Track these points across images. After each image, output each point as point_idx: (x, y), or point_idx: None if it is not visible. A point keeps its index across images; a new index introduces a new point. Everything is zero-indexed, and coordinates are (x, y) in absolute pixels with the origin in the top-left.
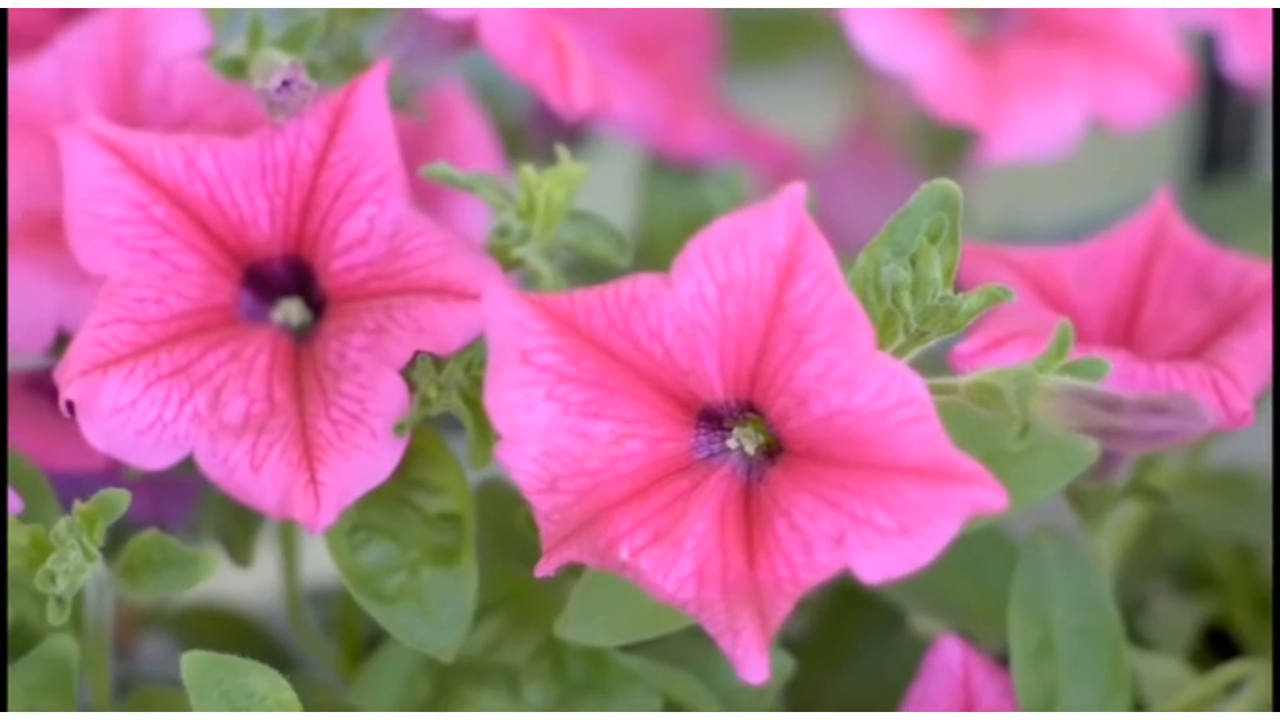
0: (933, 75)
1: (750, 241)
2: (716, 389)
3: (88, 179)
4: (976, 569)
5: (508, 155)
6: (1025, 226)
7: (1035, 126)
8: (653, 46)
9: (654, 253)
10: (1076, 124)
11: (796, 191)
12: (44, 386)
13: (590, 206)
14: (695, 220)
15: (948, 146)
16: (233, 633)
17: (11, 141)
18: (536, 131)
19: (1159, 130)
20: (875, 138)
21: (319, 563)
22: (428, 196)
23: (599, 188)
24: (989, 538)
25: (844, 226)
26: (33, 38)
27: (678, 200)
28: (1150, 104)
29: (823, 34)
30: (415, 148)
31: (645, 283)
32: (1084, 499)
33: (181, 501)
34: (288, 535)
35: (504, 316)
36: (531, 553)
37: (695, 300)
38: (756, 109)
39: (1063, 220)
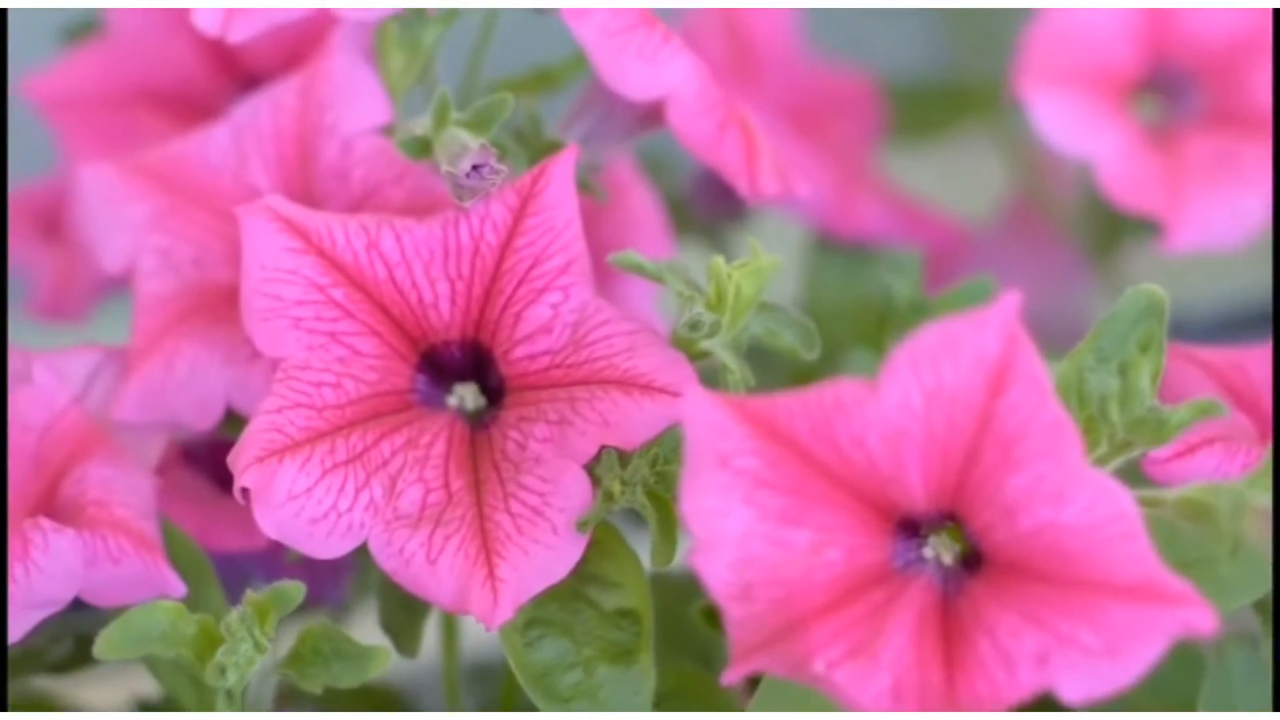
0: (1114, 163)
1: (961, 350)
2: (918, 498)
3: (267, 259)
4: (1154, 672)
5: (672, 228)
6: (1183, 313)
7: (1219, 218)
8: (816, 119)
9: (822, 333)
10: (1261, 215)
11: (1010, 301)
12: (198, 459)
13: None
14: (869, 303)
15: (1113, 228)
16: (384, 707)
17: (183, 213)
18: (700, 204)
19: None
20: (1035, 213)
21: (476, 637)
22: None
23: None
24: None
25: None
26: (202, 105)
27: (847, 281)
28: None
29: (983, 108)
30: (585, 222)
31: (849, 388)
32: (1268, 605)
33: (336, 580)
34: (449, 616)
35: (703, 419)
36: (703, 647)
37: (901, 408)
38: (913, 181)
39: (1217, 304)
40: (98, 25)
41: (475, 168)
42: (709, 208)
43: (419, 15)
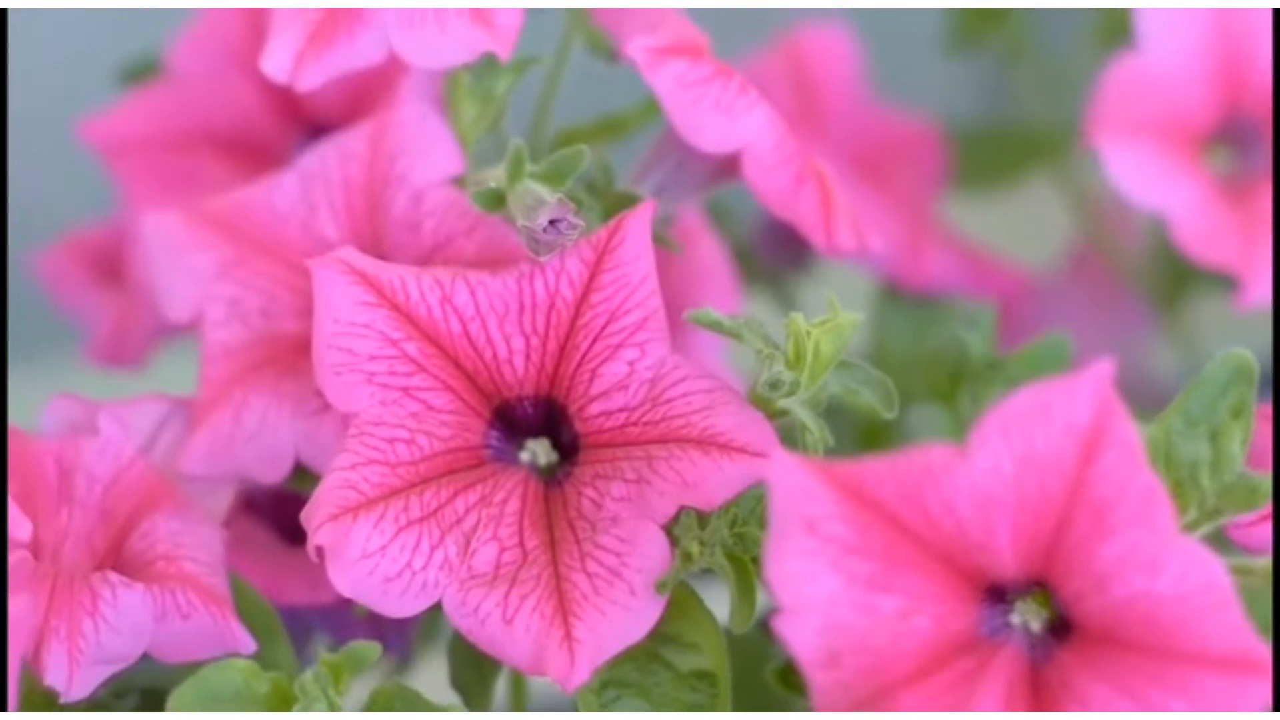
0: (1188, 217)
1: (1053, 416)
2: (1007, 564)
3: (340, 312)
4: None
5: (738, 277)
6: None
7: None
8: (880, 166)
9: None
10: None
11: (1103, 368)
12: (261, 508)
13: None
14: (938, 355)
15: (1181, 278)
16: None
17: (250, 262)
18: (765, 253)
19: None
20: (1099, 260)
21: (544, 693)
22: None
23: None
24: None
25: None
26: (264, 150)
27: (915, 332)
28: None
29: (1047, 154)
30: None
31: (938, 453)
32: None
33: (402, 632)
34: (518, 673)
35: (790, 484)
36: (778, 707)
37: (992, 473)
38: (973, 226)
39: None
40: (157, 67)
41: (552, 222)
42: (774, 257)
43: (492, 64)
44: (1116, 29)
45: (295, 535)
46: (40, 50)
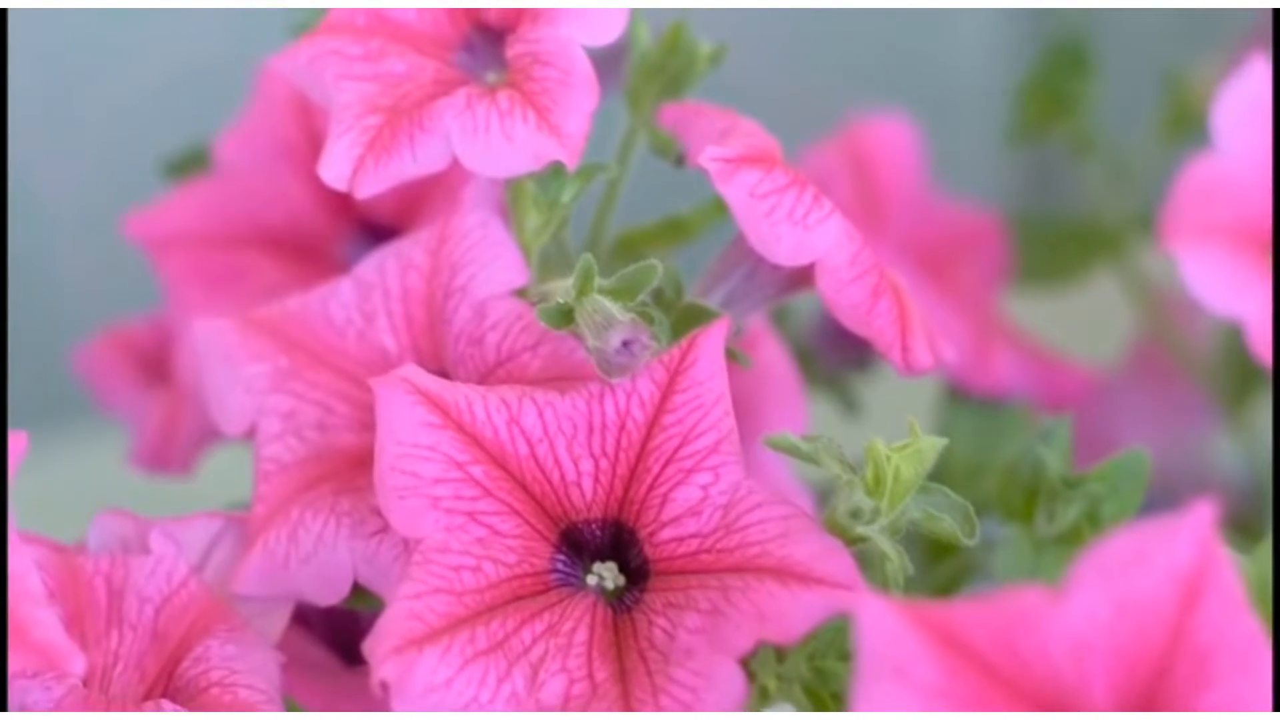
0: (1262, 323)
1: (1153, 560)
2: (1103, 710)
3: (404, 434)
4: None
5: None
6: None
7: None
8: (941, 259)
9: (958, 492)
10: None
11: (1204, 512)
12: (313, 625)
13: (878, 435)
14: (1014, 472)
15: (1246, 378)
16: None
17: (305, 374)
18: (825, 353)
19: None
20: (1161, 355)
21: None
22: None
23: (884, 412)
24: None
25: (1121, 446)
26: (314, 248)
27: (981, 436)
28: None
29: (1109, 248)
30: None
31: (1032, 597)
32: None
33: None
34: None
35: (879, 628)
36: None
37: (1088, 618)
38: (1031, 318)
39: None
40: (204, 160)
41: (625, 344)
42: (835, 357)
43: (558, 172)
44: (1181, 120)
45: (350, 652)
46: (86, 137)
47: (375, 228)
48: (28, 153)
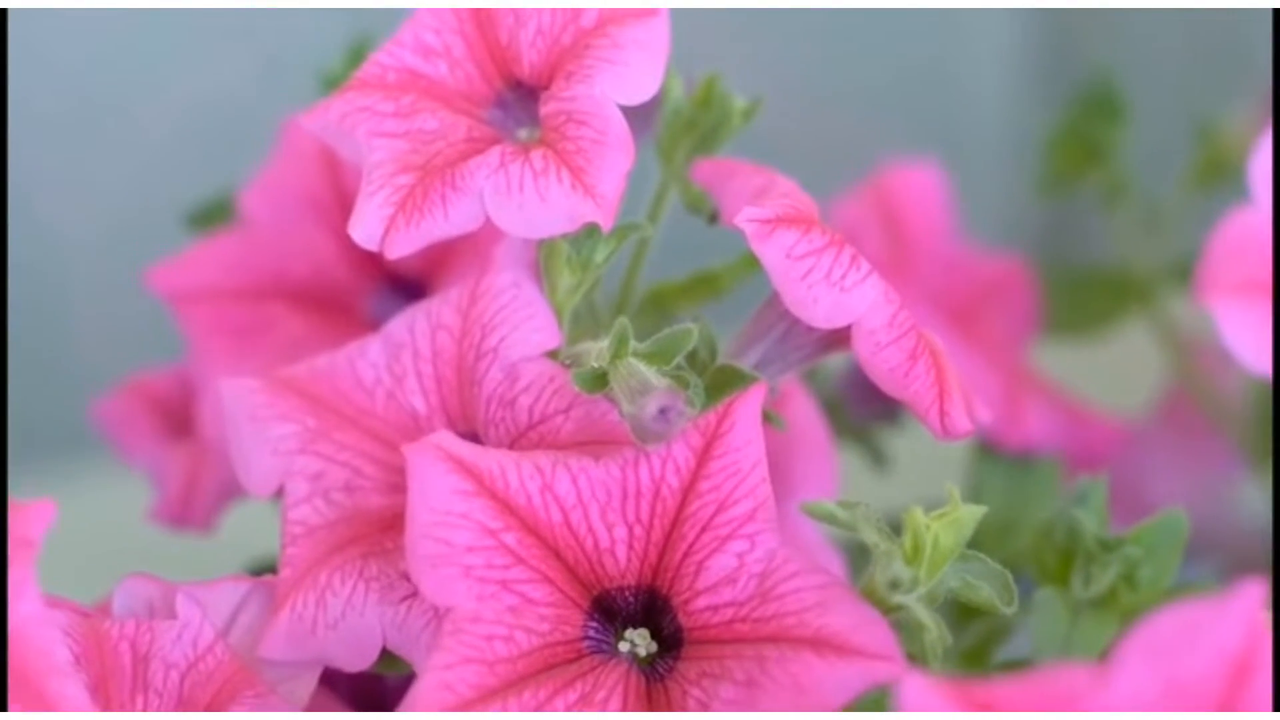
0: None
1: (1201, 640)
2: None
3: (436, 501)
4: None
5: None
6: None
7: None
8: (970, 308)
9: (990, 551)
10: None
11: (1252, 592)
12: (338, 686)
13: (907, 489)
14: (1048, 533)
15: (1275, 424)
16: None
17: (333, 435)
18: (853, 406)
19: None
20: (1190, 405)
21: None
22: None
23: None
24: None
25: (1149, 496)
26: (338, 302)
27: (1012, 492)
28: None
29: (1141, 297)
30: None
31: (1078, 677)
32: None
33: None
34: None
35: (921, 704)
36: None
37: (1134, 699)
38: (1058, 367)
39: None
40: (226, 211)
41: (661, 411)
42: (864, 410)
43: (592, 232)
44: (1212, 167)
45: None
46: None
47: (401, 282)
48: (46, 191)
